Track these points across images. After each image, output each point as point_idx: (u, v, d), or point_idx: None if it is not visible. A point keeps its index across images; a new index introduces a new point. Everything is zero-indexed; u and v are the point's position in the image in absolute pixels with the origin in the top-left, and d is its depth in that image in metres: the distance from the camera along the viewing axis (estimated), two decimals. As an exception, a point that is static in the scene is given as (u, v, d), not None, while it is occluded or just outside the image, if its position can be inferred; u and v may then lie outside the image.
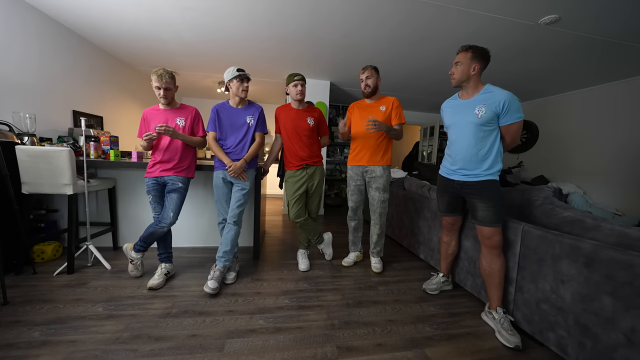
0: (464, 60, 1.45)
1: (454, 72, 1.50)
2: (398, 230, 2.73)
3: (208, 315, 1.48)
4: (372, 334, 1.40)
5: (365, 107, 2.07)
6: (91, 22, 2.50)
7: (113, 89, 3.43)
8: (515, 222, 1.49)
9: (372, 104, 2.04)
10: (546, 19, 2.05)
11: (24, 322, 1.34)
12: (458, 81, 1.49)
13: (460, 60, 1.47)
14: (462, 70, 1.46)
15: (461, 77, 1.47)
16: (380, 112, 1.99)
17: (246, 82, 1.81)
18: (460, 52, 1.48)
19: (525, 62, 2.90)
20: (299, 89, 1.94)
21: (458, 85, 1.52)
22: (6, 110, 1.99)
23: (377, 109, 2.00)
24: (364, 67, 1.99)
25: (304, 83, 1.96)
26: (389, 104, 1.99)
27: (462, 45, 1.48)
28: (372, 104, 2.04)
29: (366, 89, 2.00)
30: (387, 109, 1.98)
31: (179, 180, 1.78)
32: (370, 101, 2.06)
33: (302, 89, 1.96)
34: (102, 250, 2.07)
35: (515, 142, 1.46)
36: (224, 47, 2.93)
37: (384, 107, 1.99)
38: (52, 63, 2.48)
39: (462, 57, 1.46)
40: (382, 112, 1.99)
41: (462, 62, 1.45)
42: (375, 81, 1.98)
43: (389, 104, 1.99)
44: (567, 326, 1.18)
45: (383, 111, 1.99)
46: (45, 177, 1.74)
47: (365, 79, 1.98)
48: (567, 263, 1.19)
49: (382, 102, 2.02)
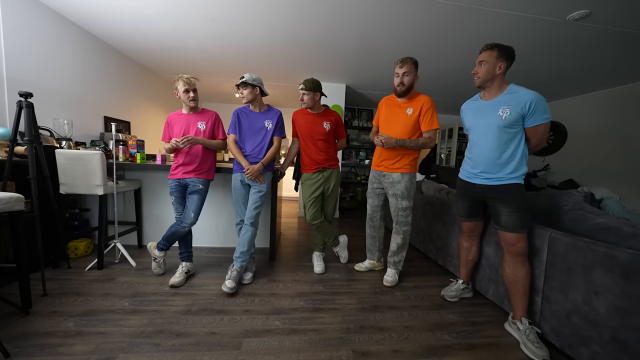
0: (489, 58, 1.38)
1: (478, 72, 1.43)
2: (415, 234, 2.67)
3: (226, 313, 1.52)
4: (388, 339, 1.37)
5: (392, 106, 1.86)
6: (122, 33, 2.68)
7: (140, 95, 3.64)
8: (541, 228, 1.41)
9: (401, 104, 1.82)
10: (575, 15, 1.94)
11: (61, 312, 1.45)
12: (483, 81, 1.43)
13: (485, 59, 1.40)
14: (487, 69, 1.39)
15: (486, 77, 1.41)
16: (406, 116, 1.78)
17: (242, 88, 1.82)
18: (484, 51, 1.41)
19: (552, 60, 2.76)
20: (300, 98, 1.96)
21: (481, 86, 1.46)
22: (48, 116, 2.17)
23: (403, 112, 1.79)
24: (402, 60, 1.71)
25: (306, 92, 1.91)
26: (418, 106, 1.75)
27: (487, 44, 1.41)
28: (401, 103, 1.82)
29: (400, 87, 1.74)
30: (414, 112, 1.76)
31: (200, 182, 1.86)
32: (402, 100, 1.82)
33: (304, 98, 1.93)
34: (128, 248, 2.18)
35: (541, 145, 1.39)
36: (242, 54, 3.03)
37: (412, 109, 1.76)
38: (86, 72, 2.68)
39: (487, 55, 1.39)
40: (407, 115, 1.77)
41: (487, 61, 1.39)
42: (412, 79, 1.73)
43: (417, 107, 1.75)
44: (602, 342, 1.10)
45: (409, 115, 1.77)
46: (80, 179, 1.88)
47: (402, 74, 1.72)
48: (601, 273, 1.12)
49: (412, 103, 1.78)
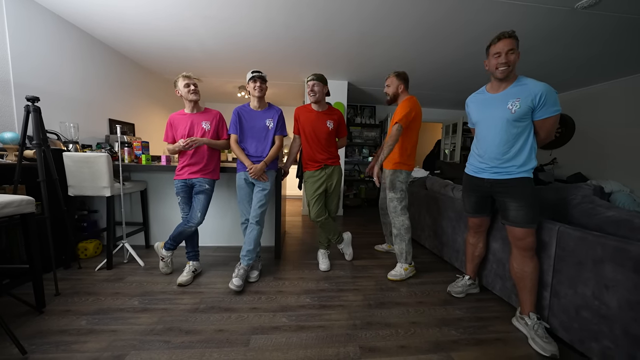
0: (515, 47, 1.29)
1: (510, 61, 1.29)
2: (420, 230, 2.66)
3: (233, 311, 1.54)
4: (395, 335, 1.37)
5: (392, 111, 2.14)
6: (125, 36, 2.70)
7: (143, 97, 3.68)
8: (549, 222, 1.39)
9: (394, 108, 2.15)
10: (584, 2, 1.89)
11: (73, 311, 1.49)
12: (511, 71, 1.32)
13: (513, 47, 1.29)
14: (516, 58, 1.29)
15: (514, 66, 1.31)
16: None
17: (259, 82, 1.80)
18: (506, 39, 1.29)
19: (560, 50, 2.69)
20: (309, 89, 1.94)
21: (506, 77, 1.34)
22: (54, 120, 2.21)
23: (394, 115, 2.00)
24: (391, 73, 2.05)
25: (317, 83, 1.91)
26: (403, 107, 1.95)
27: (506, 32, 1.30)
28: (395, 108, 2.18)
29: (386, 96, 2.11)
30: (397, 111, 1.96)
31: (206, 182, 1.87)
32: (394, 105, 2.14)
33: (314, 89, 1.92)
34: (136, 248, 2.22)
35: (550, 137, 1.36)
36: (243, 53, 3.03)
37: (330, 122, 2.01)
38: (90, 76, 2.71)
39: (512, 43, 1.28)
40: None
41: (515, 50, 1.29)
42: (395, 89, 2.02)
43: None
44: (614, 336, 1.09)
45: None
46: (88, 181, 1.91)
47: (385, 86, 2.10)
48: (612, 267, 1.10)
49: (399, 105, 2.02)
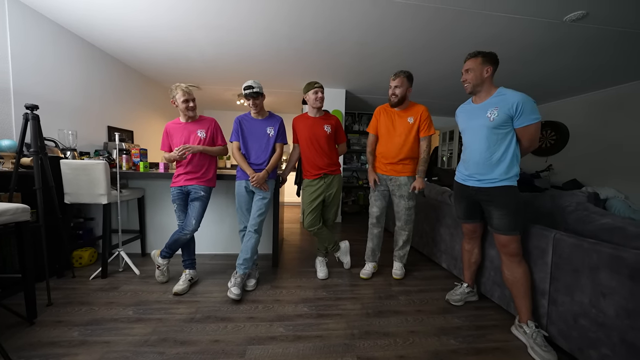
0: (475, 65, 1.44)
1: (467, 79, 1.49)
2: (418, 237, 2.65)
3: (230, 321, 1.52)
4: (393, 345, 1.36)
5: (392, 115, 1.99)
6: (124, 44, 2.73)
7: (142, 104, 3.70)
8: (545, 229, 1.40)
9: (400, 113, 1.96)
10: (572, 16, 1.96)
11: (65, 322, 1.45)
12: (473, 86, 1.48)
13: (471, 66, 1.46)
14: (475, 75, 1.45)
15: (475, 82, 1.46)
16: (408, 125, 1.93)
17: (252, 100, 1.81)
18: (469, 59, 1.48)
19: (550, 60, 2.76)
20: (318, 96, 1.96)
21: (472, 92, 1.51)
22: (53, 127, 2.21)
23: (404, 120, 1.94)
24: (396, 73, 1.88)
25: (322, 90, 1.98)
26: (417, 114, 1.92)
27: (469, 53, 1.48)
28: (399, 112, 1.97)
29: (392, 98, 1.91)
30: (415, 121, 1.92)
31: (202, 189, 1.87)
32: (398, 109, 1.98)
33: (322, 96, 1.98)
34: (131, 257, 2.19)
35: (533, 146, 1.41)
36: (243, 62, 3.07)
37: (412, 118, 1.92)
38: (89, 83, 2.72)
39: (472, 63, 1.45)
40: (409, 124, 1.92)
41: (474, 68, 1.45)
42: (405, 91, 1.88)
43: (417, 115, 1.92)
44: (612, 344, 1.08)
45: (411, 123, 1.92)
46: (84, 188, 1.90)
47: (393, 87, 1.89)
48: (608, 274, 1.10)
49: (410, 112, 1.94)
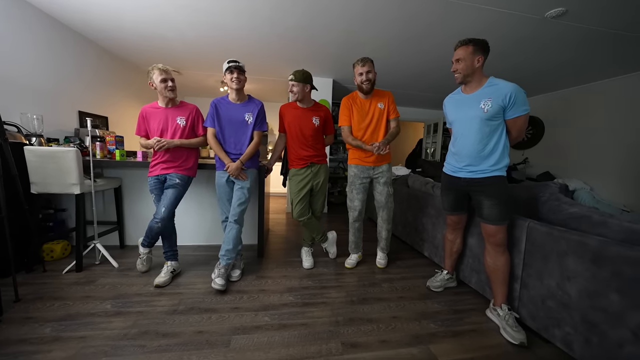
0: (466, 55, 1.41)
1: (458, 69, 1.45)
2: (402, 227, 2.73)
3: (214, 312, 1.50)
4: (376, 330, 1.40)
5: (362, 103, 1.96)
6: (95, 23, 2.51)
7: (117, 89, 3.46)
8: (520, 219, 1.47)
9: (371, 100, 1.94)
10: (552, 12, 2.01)
11: (36, 318, 1.38)
12: (464, 76, 1.46)
13: (461, 56, 1.42)
14: (466, 65, 1.42)
15: (466, 72, 1.43)
16: (379, 110, 1.92)
17: (236, 73, 1.72)
18: (459, 48, 1.43)
19: (531, 57, 2.85)
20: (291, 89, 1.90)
21: (463, 82, 1.49)
22: (14, 111, 2.02)
23: (376, 107, 1.93)
24: (362, 60, 1.85)
25: (297, 84, 1.87)
26: (385, 99, 1.93)
27: (460, 40, 1.43)
28: (367, 100, 1.95)
29: (365, 84, 1.87)
30: (385, 106, 1.93)
31: (177, 177, 1.79)
32: (365, 97, 1.95)
33: (296, 90, 1.89)
34: (109, 249, 2.10)
35: (521, 136, 1.44)
36: (226, 46, 2.93)
37: (382, 104, 1.93)
38: (58, 65, 2.51)
39: (462, 52, 1.42)
40: (380, 109, 1.92)
41: (464, 58, 1.41)
42: (374, 75, 1.89)
43: (385, 100, 1.93)
44: (574, 323, 1.18)
45: (381, 109, 1.92)
46: (53, 177, 1.77)
47: (365, 73, 1.85)
48: (574, 259, 1.18)
49: (377, 98, 1.94)
